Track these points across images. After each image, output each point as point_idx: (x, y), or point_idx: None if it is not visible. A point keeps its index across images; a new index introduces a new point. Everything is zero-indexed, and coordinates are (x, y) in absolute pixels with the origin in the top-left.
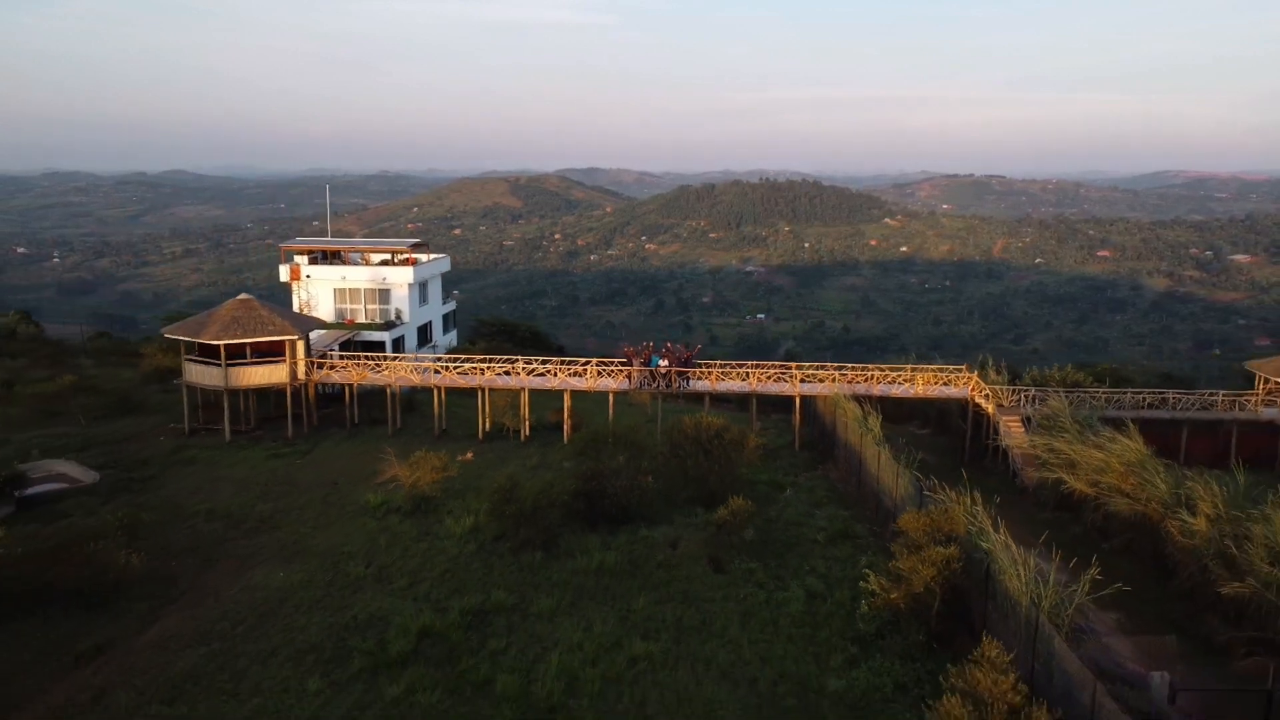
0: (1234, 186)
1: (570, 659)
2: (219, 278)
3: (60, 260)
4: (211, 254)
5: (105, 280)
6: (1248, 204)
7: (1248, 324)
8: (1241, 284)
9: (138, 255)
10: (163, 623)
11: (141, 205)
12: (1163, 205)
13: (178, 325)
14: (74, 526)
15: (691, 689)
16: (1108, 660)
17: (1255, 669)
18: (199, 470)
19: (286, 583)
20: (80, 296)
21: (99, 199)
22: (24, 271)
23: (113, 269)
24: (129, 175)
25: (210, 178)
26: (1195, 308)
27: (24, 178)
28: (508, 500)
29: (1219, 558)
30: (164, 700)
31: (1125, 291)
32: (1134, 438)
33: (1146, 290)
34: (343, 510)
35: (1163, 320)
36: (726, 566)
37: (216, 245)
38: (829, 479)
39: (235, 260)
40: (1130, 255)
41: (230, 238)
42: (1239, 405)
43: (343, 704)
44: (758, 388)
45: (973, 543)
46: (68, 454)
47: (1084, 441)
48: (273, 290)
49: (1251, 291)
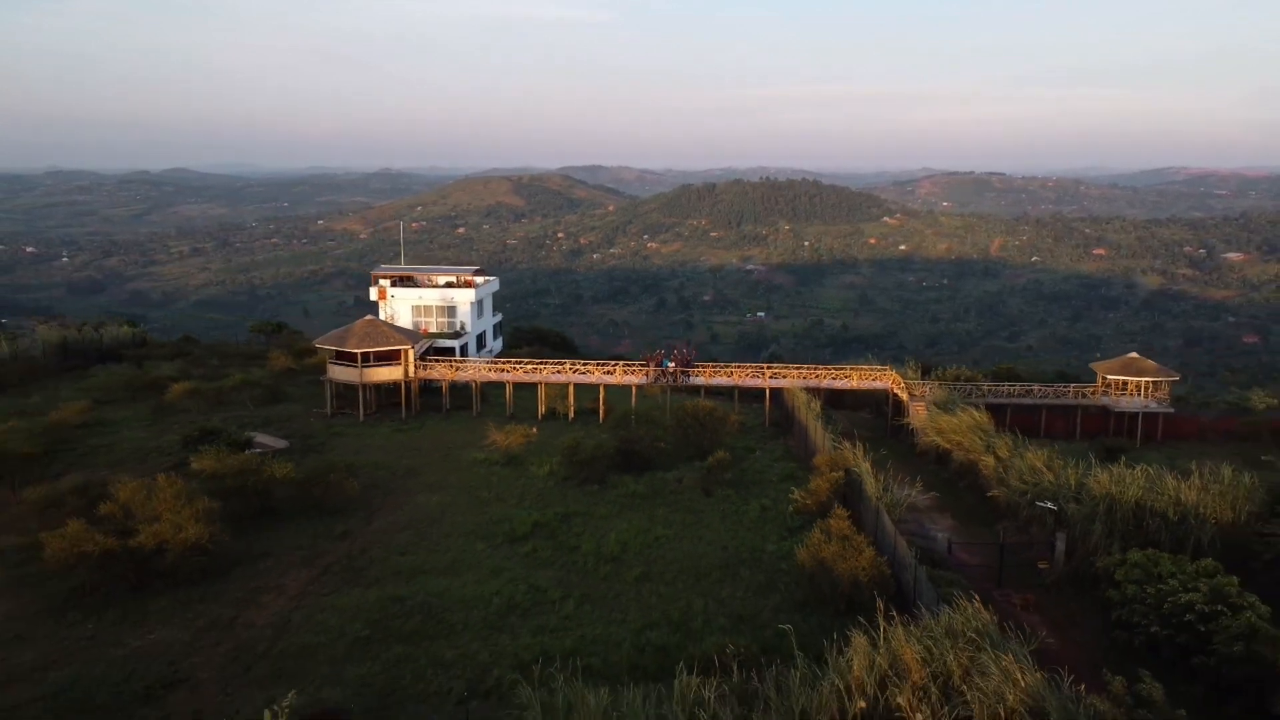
0: (1234, 183)
1: (621, 536)
2: (226, 277)
3: (69, 260)
4: (218, 253)
5: (114, 279)
6: (1247, 201)
7: (1237, 321)
8: (1233, 282)
9: (145, 254)
10: (375, 522)
11: (145, 204)
12: (1162, 202)
13: (325, 337)
14: (317, 465)
15: (689, 551)
16: (919, 529)
17: (1006, 535)
18: (349, 439)
19: (441, 502)
20: (90, 295)
21: (103, 198)
22: (34, 270)
23: (121, 268)
24: (132, 174)
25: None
26: (1187, 305)
27: (27, 176)
28: (574, 454)
29: (1001, 481)
30: (398, 553)
31: (1119, 289)
32: (979, 414)
33: (1140, 288)
34: (459, 463)
35: (1154, 318)
36: (712, 493)
37: (223, 245)
38: (787, 445)
39: (242, 259)
40: (1125, 253)
41: (236, 237)
42: (1083, 395)
43: (499, 555)
44: (739, 382)
45: (854, 470)
46: (257, 429)
47: (951, 415)
48: (281, 289)
49: (1242, 289)
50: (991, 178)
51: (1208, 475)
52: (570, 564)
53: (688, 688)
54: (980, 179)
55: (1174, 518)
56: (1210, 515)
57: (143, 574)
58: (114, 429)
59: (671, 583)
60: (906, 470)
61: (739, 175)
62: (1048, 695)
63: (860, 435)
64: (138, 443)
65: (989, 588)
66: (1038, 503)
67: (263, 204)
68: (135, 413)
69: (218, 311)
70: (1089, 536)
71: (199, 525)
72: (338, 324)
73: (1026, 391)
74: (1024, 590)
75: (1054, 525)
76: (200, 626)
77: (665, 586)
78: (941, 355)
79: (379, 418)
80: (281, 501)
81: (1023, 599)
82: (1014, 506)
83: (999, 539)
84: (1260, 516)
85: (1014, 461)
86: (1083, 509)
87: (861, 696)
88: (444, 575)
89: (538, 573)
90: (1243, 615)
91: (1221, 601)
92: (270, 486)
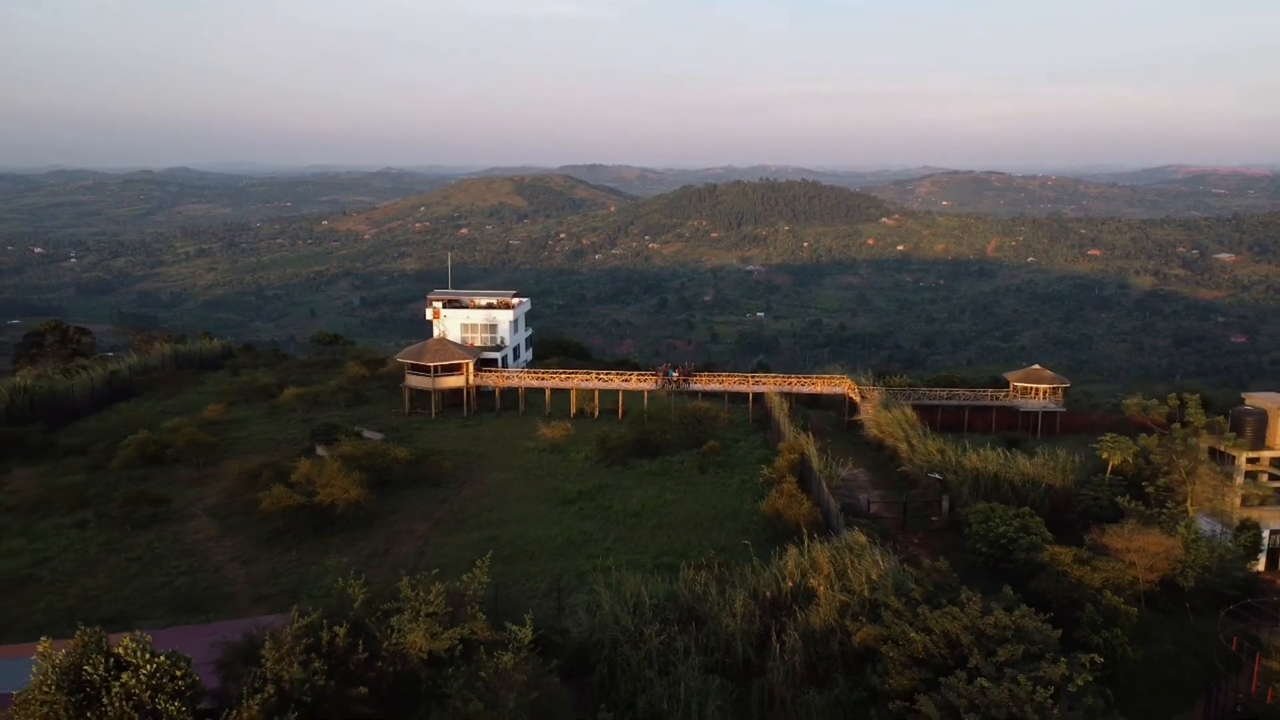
0: (1233, 182)
1: (640, 500)
2: (233, 278)
3: (77, 260)
4: (224, 254)
5: (122, 280)
6: (1245, 200)
7: (1226, 321)
8: (1224, 282)
9: (152, 255)
10: (464, 491)
11: (149, 204)
12: (1160, 201)
13: (404, 352)
14: (419, 451)
15: (689, 509)
16: (849, 495)
17: (909, 497)
18: (427, 433)
19: (508, 478)
20: (100, 296)
21: (107, 198)
22: (43, 271)
23: (129, 269)
24: (134, 173)
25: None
26: (1177, 306)
27: (30, 175)
28: (604, 442)
29: (910, 460)
30: (485, 511)
31: (1112, 290)
32: (908, 412)
33: (1132, 289)
34: (516, 450)
35: (1145, 318)
36: (706, 471)
37: (229, 245)
38: (764, 437)
39: (248, 260)
40: (1119, 254)
41: (241, 237)
42: (996, 398)
43: (555, 512)
44: (729, 388)
45: (806, 452)
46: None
47: (887, 413)
48: (288, 290)
49: (1232, 289)
50: (991, 177)
51: (1047, 455)
52: (606, 518)
53: (688, 574)
54: (980, 178)
55: (1019, 483)
56: (1044, 481)
57: (320, 521)
58: (244, 425)
59: (676, 529)
60: (853, 454)
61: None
62: (891, 570)
63: (824, 429)
64: (268, 435)
65: (897, 532)
66: (930, 475)
67: (266, 203)
68: (254, 412)
69: (226, 312)
70: (962, 497)
71: (357, 489)
72: (345, 324)
73: (954, 395)
74: (920, 532)
75: (941, 489)
76: (365, 554)
77: (672, 531)
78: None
79: (445, 416)
80: (398, 476)
81: (918, 538)
82: (917, 477)
83: (904, 500)
84: (1081, 482)
85: (919, 447)
86: (959, 478)
87: (790, 580)
88: (519, 525)
89: (584, 523)
90: (1030, 537)
91: (1024, 533)
92: (391, 465)
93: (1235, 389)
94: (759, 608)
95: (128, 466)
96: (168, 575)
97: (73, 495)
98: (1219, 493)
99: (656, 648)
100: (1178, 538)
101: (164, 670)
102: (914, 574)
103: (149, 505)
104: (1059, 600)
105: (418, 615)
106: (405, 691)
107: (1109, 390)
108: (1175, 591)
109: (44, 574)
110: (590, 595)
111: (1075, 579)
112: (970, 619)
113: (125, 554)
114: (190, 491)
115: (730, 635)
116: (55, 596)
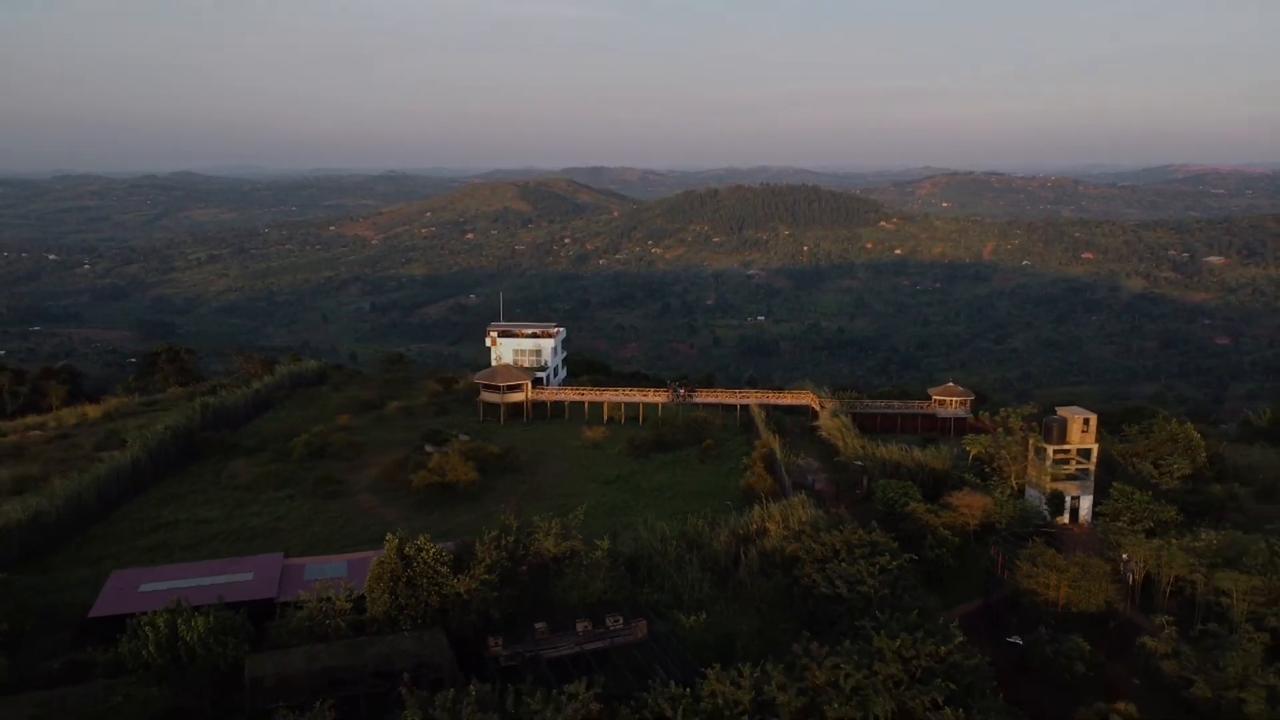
0: (1232, 182)
1: (659, 481)
2: (244, 283)
3: (90, 267)
4: (235, 260)
5: (136, 286)
6: (1243, 200)
7: (1211, 324)
8: (1212, 285)
9: (164, 261)
10: (537, 476)
11: (156, 209)
12: (1159, 202)
13: (480, 374)
14: (503, 448)
15: (693, 486)
16: (802, 476)
17: (842, 478)
18: (499, 435)
19: (565, 467)
20: (114, 302)
21: (114, 203)
22: (58, 278)
23: (142, 275)
24: (139, 178)
25: (218, 179)
26: (1166, 308)
27: (36, 180)
28: (632, 442)
29: (844, 452)
30: (554, 488)
31: (1104, 292)
32: (846, 420)
33: (1123, 291)
34: (567, 448)
35: (1134, 320)
36: (705, 462)
37: (239, 251)
38: (749, 438)
39: (258, 266)
40: (1112, 257)
41: (250, 243)
42: (921, 407)
43: (601, 490)
44: (722, 401)
45: (773, 447)
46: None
47: (836, 420)
48: (298, 296)
49: (1220, 292)
50: (991, 178)
51: (936, 449)
52: (636, 493)
53: (692, 521)
54: (980, 179)
55: (912, 467)
56: (930, 465)
57: (449, 495)
58: (363, 430)
59: (684, 499)
60: (810, 448)
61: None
62: (812, 517)
63: (793, 431)
64: (385, 437)
65: (832, 501)
66: (855, 462)
67: (271, 207)
68: (366, 420)
69: (240, 317)
70: (876, 477)
71: (472, 473)
72: (357, 329)
73: (890, 406)
74: (847, 500)
75: (863, 472)
76: (481, 516)
77: (682, 501)
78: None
79: (510, 423)
80: (492, 465)
81: (846, 504)
82: (849, 464)
83: (838, 480)
84: (953, 466)
85: (851, 443)
86: (874, 465)
87: (755, 523)
88: (579, 496)
89: (622, 495)
90: (906, 499)
91: (904, 497)
92: (488, 457)
93: (1216, 389)
94: (734, 539)
95: (301, 459)
96: (361, 527)
97: (278, 478)
98: (1039, 472)
99: (673, 559)
100: (993, 498)
101: (440, 554)
102: (824, 518)
103: (331, 484)
104: (915, 534)
105: (547, 534)
106: (542, 573)
107: (1092, 391)
108: (992, 531)
109: (283, 526)
110: (633, 532)
111: (924, 522)
112: (845, 537)
113: (325, 514)
114: (351, 476)
115: (717, 553)
116: (296, 539)
